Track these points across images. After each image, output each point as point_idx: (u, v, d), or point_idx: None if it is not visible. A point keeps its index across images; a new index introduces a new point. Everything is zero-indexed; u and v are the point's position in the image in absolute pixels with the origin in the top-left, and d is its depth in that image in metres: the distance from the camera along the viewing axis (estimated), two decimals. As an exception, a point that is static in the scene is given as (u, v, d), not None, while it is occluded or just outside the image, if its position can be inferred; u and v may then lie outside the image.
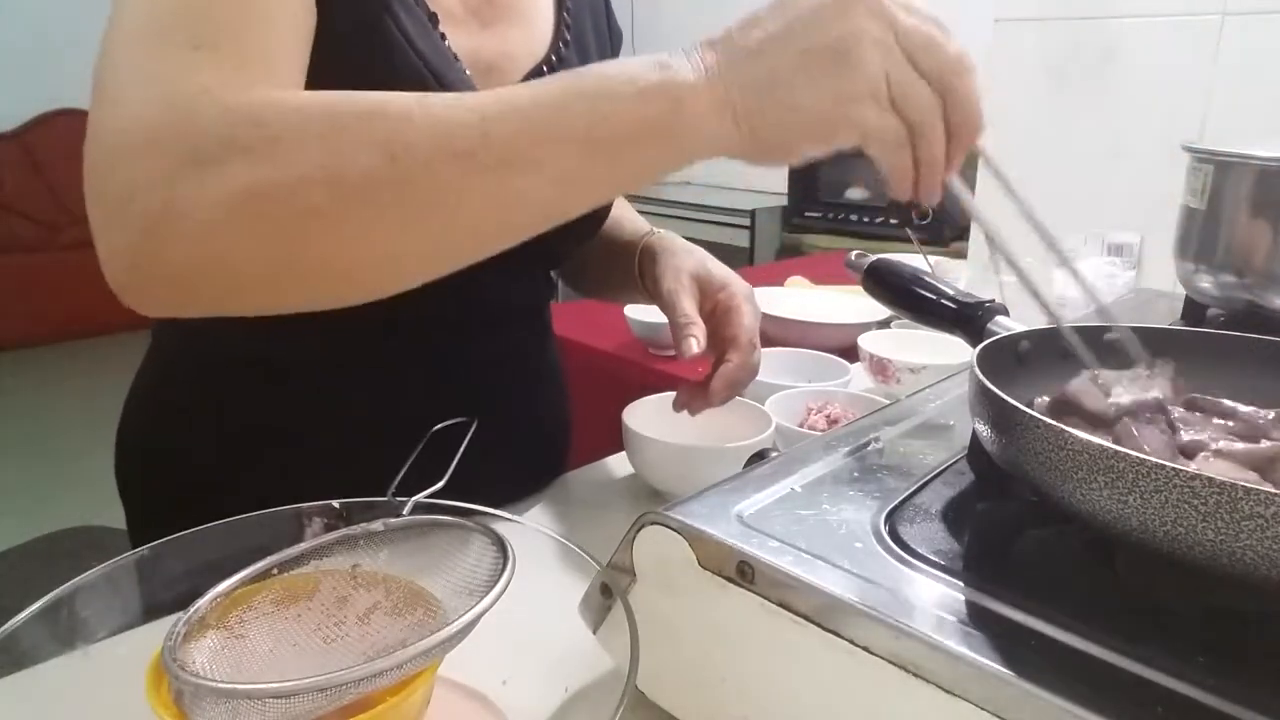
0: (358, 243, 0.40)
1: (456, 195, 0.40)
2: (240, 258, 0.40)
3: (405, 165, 0.39)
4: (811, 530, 0.40)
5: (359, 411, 0.67)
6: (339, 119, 0.40)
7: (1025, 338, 0.49)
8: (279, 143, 0.39)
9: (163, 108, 0.40)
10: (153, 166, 0.39)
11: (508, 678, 0.46)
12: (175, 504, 0.68)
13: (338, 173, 0.38)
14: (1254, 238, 0.67)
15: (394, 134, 0.39)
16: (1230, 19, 1.18)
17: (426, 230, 0.41)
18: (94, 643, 0.43)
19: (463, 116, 0.40)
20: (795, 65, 0.39)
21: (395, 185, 0.39)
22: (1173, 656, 0.31)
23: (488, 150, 0.39)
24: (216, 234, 0.39)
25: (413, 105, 0.40)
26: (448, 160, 0.39)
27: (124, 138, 0.40)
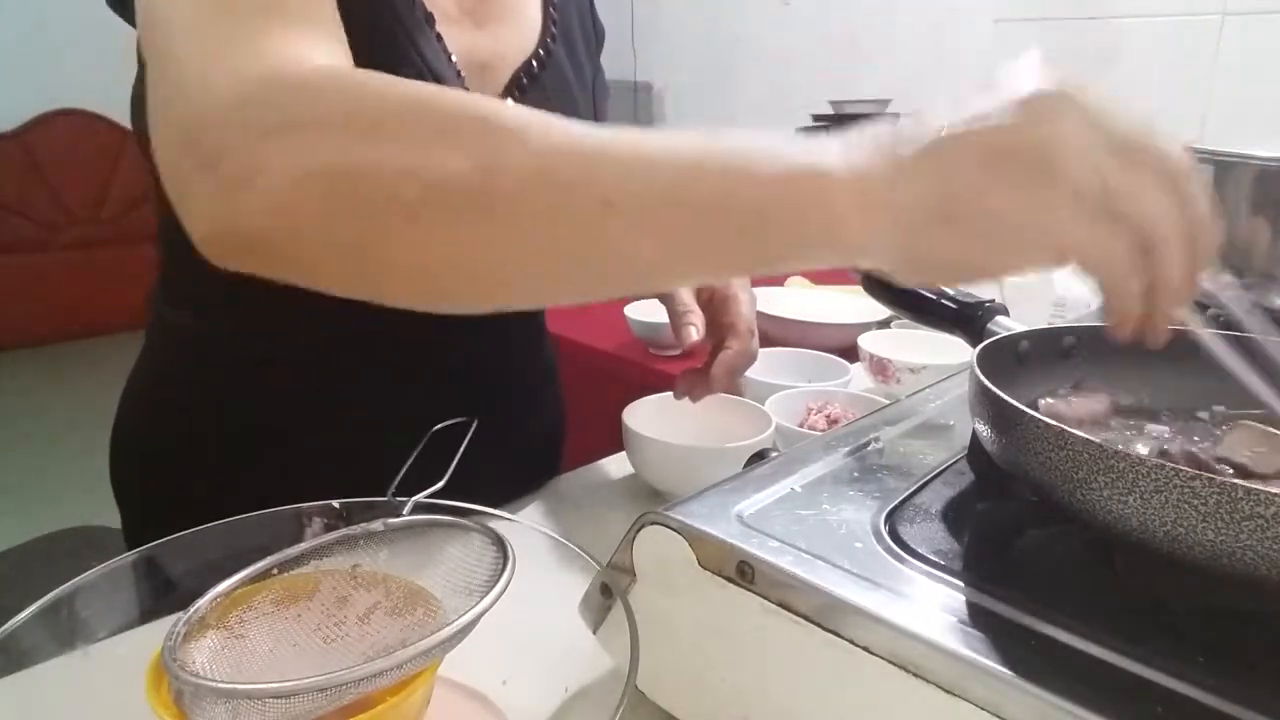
0: (437, 248, 0.37)
1: (548, 225, 0.36)
2: (315, 234, 0.38)
3: (500, 182, 0.36)
4: (811, 530, 0.40)
5: (357, 411, 0.67)
6: (446, 115, 0.37)
7: (1025, 338, 0.49)
8: (378, 128, 0.37)
9: (256, 70, 0.39)
10: (246, 126, 0.38)
11: (508, 678, 0.46)
12: (174, 504, 0.68)
13: (431, 172, 0.36)
14: (1254, 238, 0.67)
15: (500, 148, 0.36)
16: (1230, 19, 1.18)
17: (510, 253, 0.37)
18: (94, 643, 0.43)
19: (578, 143, 0.36)
20: (980, 169, 0.32)
21: (487, 199, 0.36)
22: (1173, 656, 0.31)
23: (594, 187, 0.35)
24: (301, 207, 0.37)
25: (532, 123, 0.37)
26: (548, 188, 0.36)
27: (214, 99, 0.39)
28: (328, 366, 0.66)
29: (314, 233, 0.38)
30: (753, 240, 0.35)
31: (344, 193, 0.37)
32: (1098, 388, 0.47)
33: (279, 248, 0.39)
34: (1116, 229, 0.32)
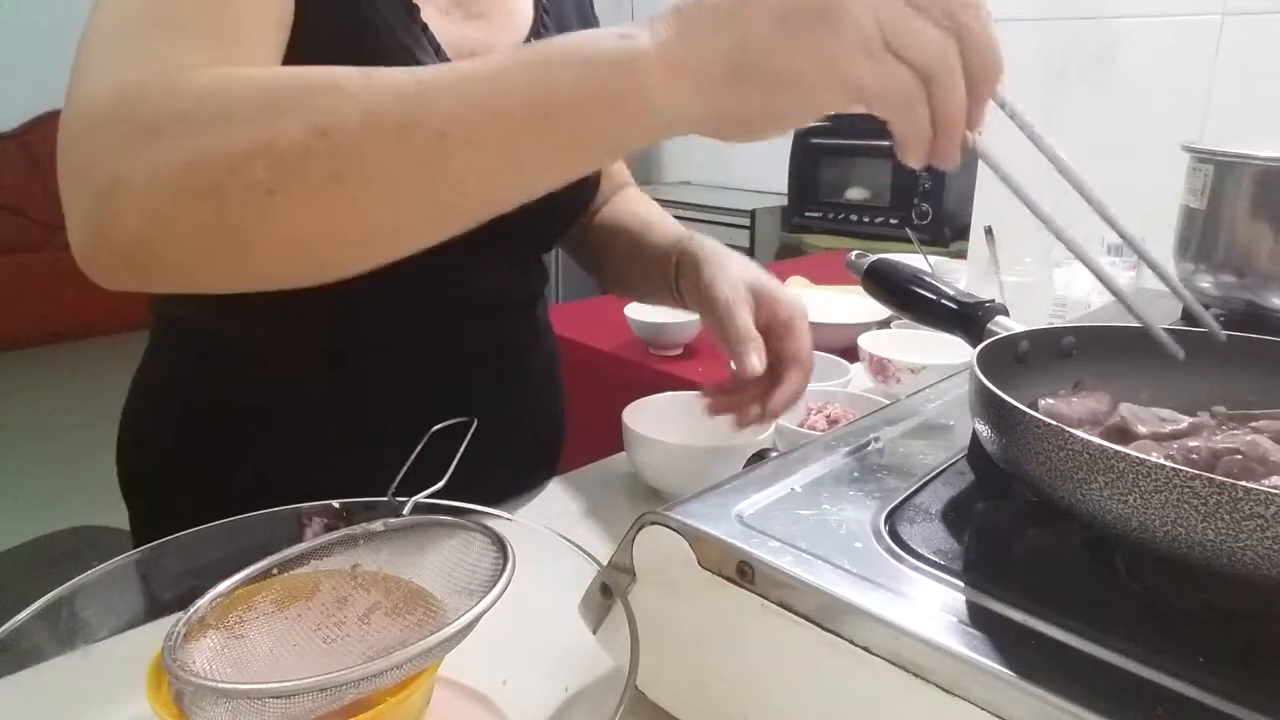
0: (300, 218, 0.39)
1: (394, 170, 0.38)
2: (187, 231, 0.39)
3: (335, 139, 0.37)
4: (811, 530, 0.40)
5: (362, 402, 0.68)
6: (277, 92, 0.39)
7: (1025, 338, 0.49)
8: (222, 117, 0.39)
9: (121, 85, 0.41)
10: (107, 141, 0.40)
11: (508, 678, 0.46)
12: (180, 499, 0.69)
13: (273, 146, 0.38)
14: (1254, 238, 0.67)
15: (330, 105, 0.38)
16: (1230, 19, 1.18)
17: (370, 206, 0.39)
18: (94, 643, 0.43)
19: (405, 87, 0.38)
20: (770, 29, 0.35)
21: (329, 159, 0.37)
22: (1173, 656, 0.31)
23: (423, 123, 0.37)
24: (163, 206, 0.39)
25: (352, 78, 0.38)
26: (381, 134, 0.37)
27: (85, 115, 0.41)
28: (332, 357, 0.66)
29: (181, 230, 0.39)
30: (579, 131, 0.38)
31: (201, 185, 0.38)
32: (1098, 388, 0.47)
33: (152, 253, 0.40)
34: (898, 66, 0.35)
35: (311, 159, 0.37)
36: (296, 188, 0.38)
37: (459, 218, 0.41)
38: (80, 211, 0.41)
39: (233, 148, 0.38)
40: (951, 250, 2.38)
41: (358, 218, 0.39)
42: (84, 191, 0.40)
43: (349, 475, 0.50)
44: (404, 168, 0.38)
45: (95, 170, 0.40)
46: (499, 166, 0.39)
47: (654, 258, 0.74)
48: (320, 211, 0.39)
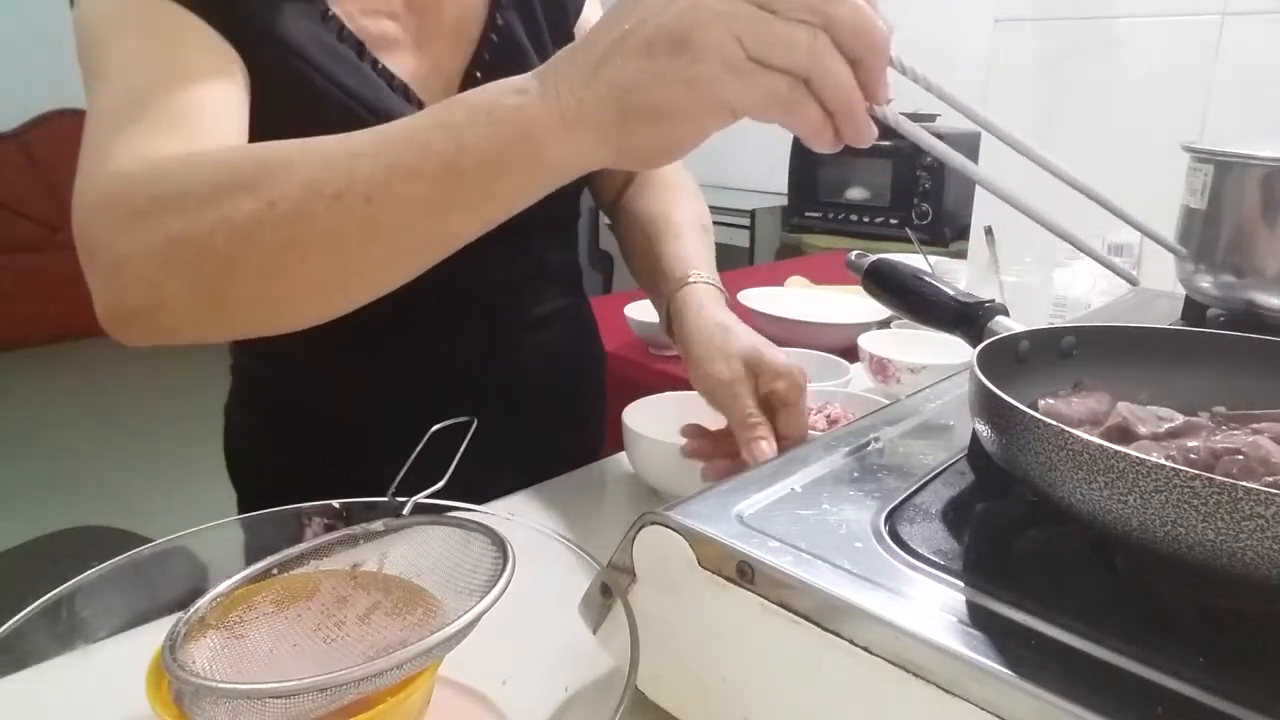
0: (262, 280, 0.44)
1: (335, 234, 0.42)
2: (177, 299, 0.45)
3: (283, 210, 0.42)
4: (811, 530, 0.40)
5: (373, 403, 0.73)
6: (234, 170, 0.44)
7: (1025, 338, 0.49)
8: (187, 195, 0.44)
9: (111, 175, 0.47)
10: (107, 225, 0.46)
11: (508, 678, 0.46)
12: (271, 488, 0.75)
13: (230, 220, 0.42)
14: (1254, 238, 0.67)
15: (275, 180, 0.42)
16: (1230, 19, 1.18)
17: (321, 265, 0.43)
18: (94, 643, 0.43)
19: (337, 158, 0.42)
20: (637, 67, 0.37)
21: (280, 228, 0.42)
22: (1173, 656, 0.31)
23: (354, 190, 0.41)
24: (156, 278, 0.44)
25: (293, 153, 0.43)
26: (320, 202, 0.41)
27: (89, 203, 0.47)
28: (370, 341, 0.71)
29: (173, 297, 0.45)
30: (491, 187, 0.41)
31: (179, 258, 0.44)
32: (1098, 388, 0.47)
33: (156, 318, 0.46)
34: (768, 74, 0.36)
35: (264, 230, 0.42)
36: (256, 255, 0.43)
37: (404, 267, 0.45)
38: (97, 286, 0.47)
39: (198, 224, 0.43)
40: (951, 250, 2.38)
41: (313, 276, 0.44)
42: (97, 269, 0.46)
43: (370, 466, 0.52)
44: (343, 231, 0.42)
45: (103, 251, 0.46)
46: (424, 223, 0.42)
47: (654, 287, 0.74)
48: (279, 274, 0.43)
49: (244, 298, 0.45)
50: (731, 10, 0.35)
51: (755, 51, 0.36)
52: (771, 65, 0.36)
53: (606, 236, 3.48)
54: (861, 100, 0.38)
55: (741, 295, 1.27)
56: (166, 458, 2.75)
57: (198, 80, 0.53)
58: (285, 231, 0.42)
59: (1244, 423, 0.43)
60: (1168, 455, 0.38)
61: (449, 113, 0.41)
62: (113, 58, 0.53)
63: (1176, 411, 0.43)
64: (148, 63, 0.53)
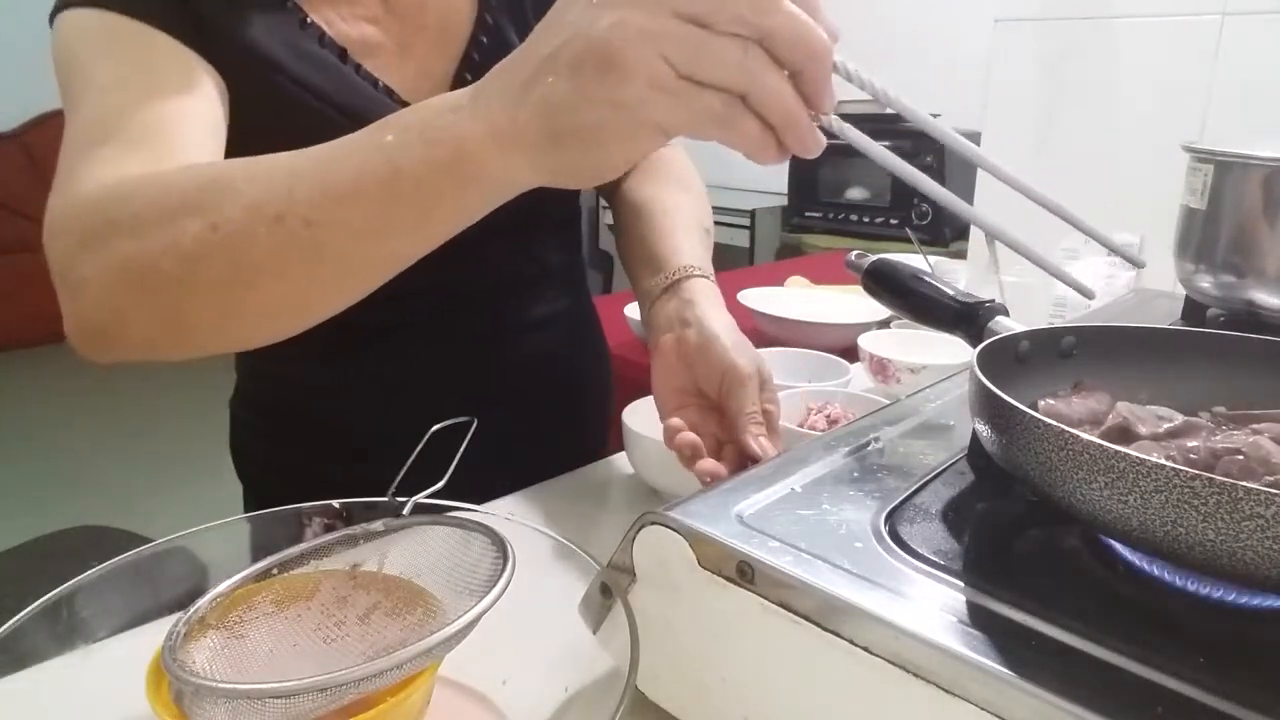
0: (214, 303, 0.44)
1: (278, 256, 0.42)
2: (135, 318, 0.46)
3: (226, 232, 0.42)
4: (811, 530, 0.40)
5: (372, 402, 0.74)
6: (183, 193, 0.44)
7: (1025, 338, 0.49)
8: (138, 218, 0.44)
9: (70, 197, 0.48)
10: (66, 247, 0.47)
11: (508, 678, 0.46)
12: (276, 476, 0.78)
13: (177, 244, 0.42)
14: (1254, 238, 0.67)
15: (218, 203, 0.42)
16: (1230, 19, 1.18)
17: (269, 290, 0.43)
18: (94, 643, 0.43)
19: (278, 180, 0.42)
20: (565, 88, 0.35)
21: (224, 251, 0.42)
22: (1173, 656, 0.31)
23: (294, 213, 0.41)
24: (113, 301, 0.45)
25: (237, 174, 0.43)
26: (261, 225, 0.41)
27: (53, 227, 0.48)
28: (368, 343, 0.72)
29: (133, 320, 0.46)
30: (433, 208, 0.40)
31: (135, 282, 0.44)
32: (1098, 388, 0.47)
33: (119, 337, 0.47)
34: (700, 92, 0.34)
35: (209, 252, 0.42)
36: (203, 277, 0.43)
37: (351, 289, 0.45)
38: (65, 306, 0.47)
39: (148, 247, 0.43)
40: (951, 250, 2.38)
41: (261, 298, 0.44)
42: (64, 290, 0.47)
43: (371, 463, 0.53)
44: (286, 254, 0.42)
45: (68, 273, 0.47)
46: (365, 246, 0.42)
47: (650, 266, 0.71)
48: (227, 296, 0.44)
49: (198, 319, 0.45)
50: (659, 27, 0.33)
51: (685, 69, 0.34)
52: (703, 82, 0.34)
53: (606, 236, 3.48)
54: (803, 111, 0.36)
55: (741, 295, 1.27)
56: (166, 458, 2.75)
57: (169, 100, 0.54)
58: (229, 254, 0.42)
59: (1244, 423, 0.43)
60: (1167, 455, 0.38)
61: (382, 133, 0.40)
62: (86, 82, 0.54)
63: (1176, 411, 0.43)
64: (119, 86, 0.53)
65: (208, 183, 0.44)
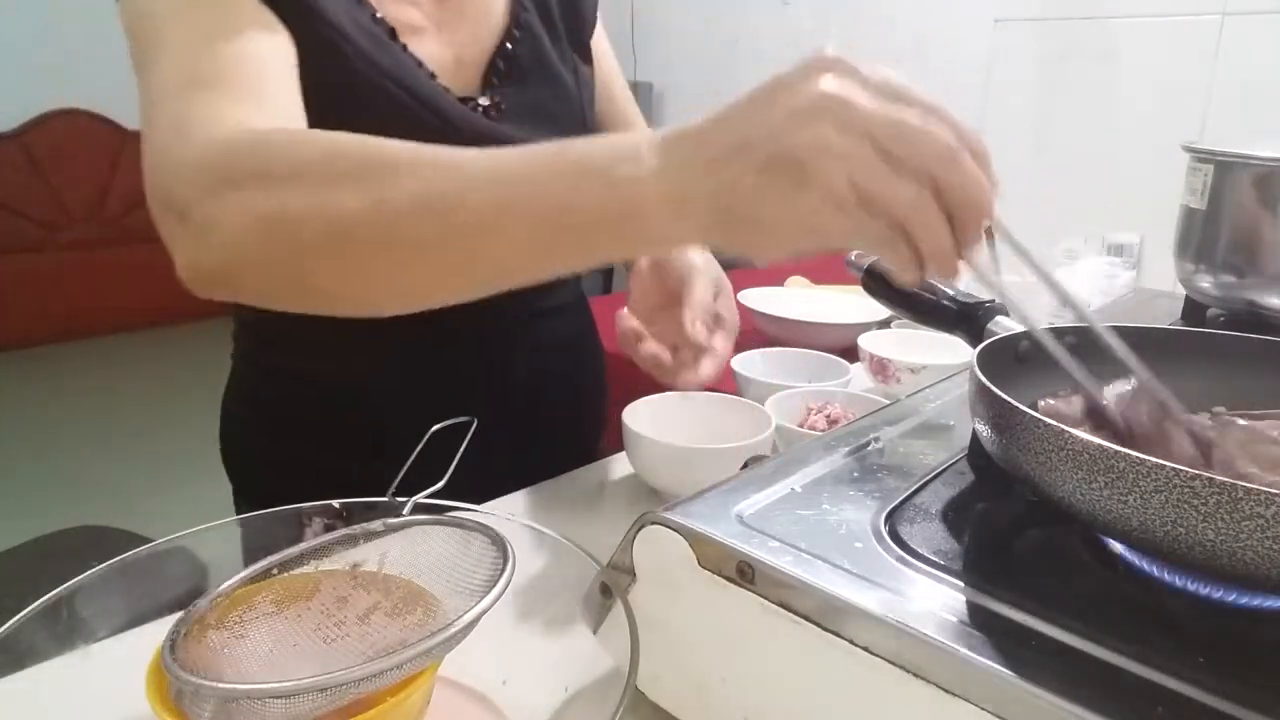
0: (345, 274, 0.45)
1: (431, 248, 0.43)
2: (261, 268, 0.47)
3: (387, 212, 0.43)
4: (811, 530, 0.40)
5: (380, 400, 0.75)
6: (349, 162, 0.45)
7: (1025, 338, 0.49)
8: (294, 175, 0.45)
9: (203, 140, 0.49)
10: (199, 188, 0.47)
11: (508, 678, 0.46)
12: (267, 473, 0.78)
13: (332, 212, 0.44)
14: (1254, 238, 0.67)
15: (387, 182, 0.43)
16: (1230, 19, 1.18)
17: (407, 275, 0.45)
18: (94, 643, 0.43)
19: (451, 178, 0.43)
20: (752, 180, 0.37)
21: (379, 229, 0.43)
22: (1173, 656, 0.31)
23: (460, 216, 0.42)
24: (242, 245, 0.46)
25: (403, 160, 0.44)
26: (426, 218, 0.42)
27: (176, 165, 0.49)
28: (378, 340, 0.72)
29: (257, 268, 0.47)
30: (592, 241, 0.42)
31: (272, 234, 0.45)
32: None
33: (238, 280, 0.48)
34: (869, 217, 0.37)
35: (363, 228, 0.43)
36: (347, 248, 0.44)
37: (480, 289, 0.47)
38: (184, 245, 0.48)
39: (297, 206, 0.44)
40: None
41: (394, 280, 0.45)
42: (186, 226, 0.48)
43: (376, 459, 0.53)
44: (441, 245, 0.43)
45: (194, 211, 0.47)
46: (519, 260, 0.44)
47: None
48: (362, 271, 0.45)
49: (326, 282, 0.46)
50: (853, 152, 0.36)
51: (863, 195, 0.36)
52: (875, 209, 0.37)
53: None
54: (954, 251, 0.38)
55: (742, 295, 1.27)
56: (166, 458, 2.75)
57: (258, 54, 0.55)
58: (384, 234, 0.43)
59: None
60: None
61: (562, 160, 0.42)
62: (170, 33, 0.54)
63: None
64: (207, 37, 0.54)
65: (376, 159, 0.44)
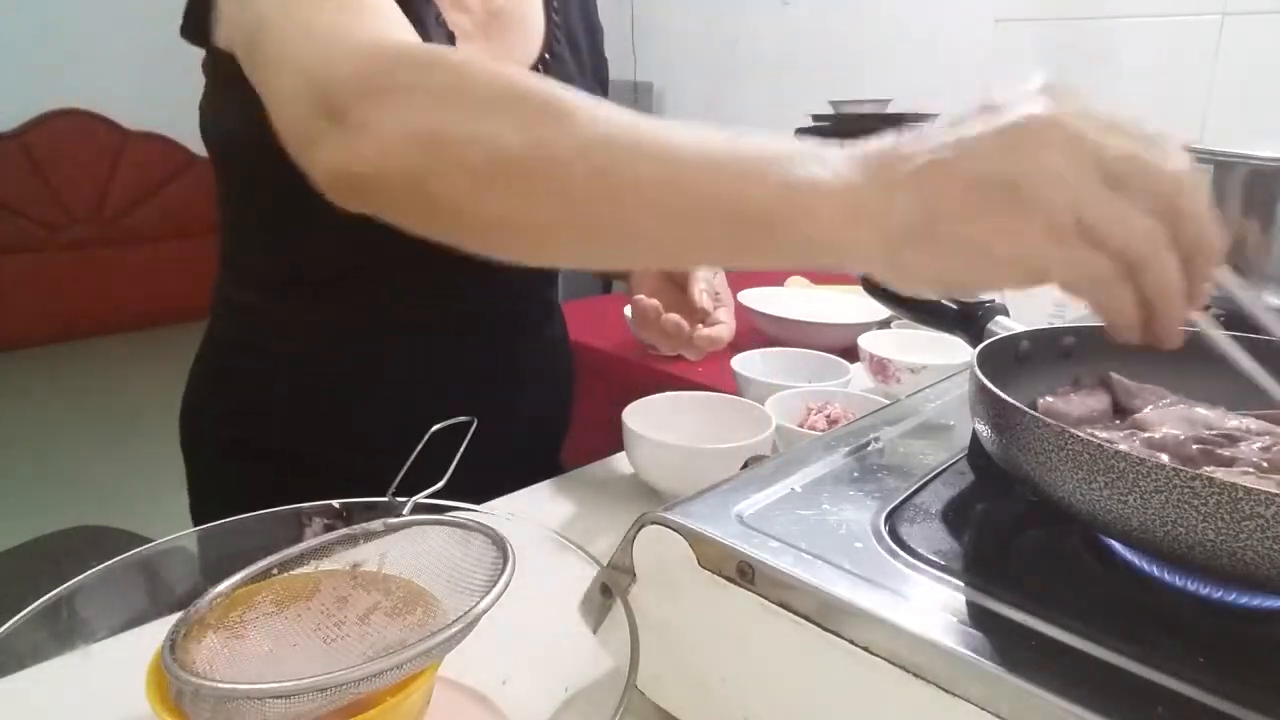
0: (491, 205, 0.43)
1: (577, 203, 0.41)
2: (406, 183, 0.45)
3: (547, 154, 0.41)
4: (811, 530, 0.40)
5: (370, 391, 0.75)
6: (520, 96, 0.43)
7: (1025, 338, 0.49)
8: (465, 96, 0.44)
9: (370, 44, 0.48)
10: (362, 92, 0.46)
11: (508, 678, 0.46)
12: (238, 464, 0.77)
13: (494, 139, 0.42)
14: (1254, 238, 0.67)
15: (553, 124, 0.42)
16: (1230, 19, 1.18)
17: (544, 222, 0.43)
18: (94, 643, 0.43)
19: (621, 137, 0.41)
20: (958, 197, 0.34)
21: (535, 168, 0.42)
22: (1173, 656, 0.31)
23: (620, 178, 0.40)
24: (392, 154, 0.44)
25: (581, 108, 0.42)
26: (585, 167, 0.41)
27: (337, 68, 0.48)
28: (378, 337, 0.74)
29: (405, 182, 0.45)
30: (755, 239, 0.39)
31: (429, 152, 0.44)
32: (1097, 387, 0.47)
33: (381, 191, 0.46)
34: (1094, 253, 0.33)
35: (521, 162, 0.42)
36: (494, 182, 0.43)
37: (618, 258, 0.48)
38: (332, 143, 0.47)
39: (460, 128, 0.43)
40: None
41: (538, 224, 0.43)
42: (340, 128, 0.46)
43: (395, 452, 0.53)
44: (588, 204, 0.41)
45: (353, 112, 0.46)
46: (665, 233, 0.41)
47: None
48: (510, 207, 0.43)
49: (470, 210, 0.44)
50: (1078, 177, 0.33)
51: (1089, 224, 0.33)
52: (1100, 244, 0.33)
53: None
54: (1184, 299, 0.34)
55: (741, 295, 1.27)
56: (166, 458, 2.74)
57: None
58: (537, 174, 0.42)
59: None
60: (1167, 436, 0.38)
61: (743, 152, 0.39)
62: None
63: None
64: None
65: (549, 100, 0.43)
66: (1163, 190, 0.34)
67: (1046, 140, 0.33)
